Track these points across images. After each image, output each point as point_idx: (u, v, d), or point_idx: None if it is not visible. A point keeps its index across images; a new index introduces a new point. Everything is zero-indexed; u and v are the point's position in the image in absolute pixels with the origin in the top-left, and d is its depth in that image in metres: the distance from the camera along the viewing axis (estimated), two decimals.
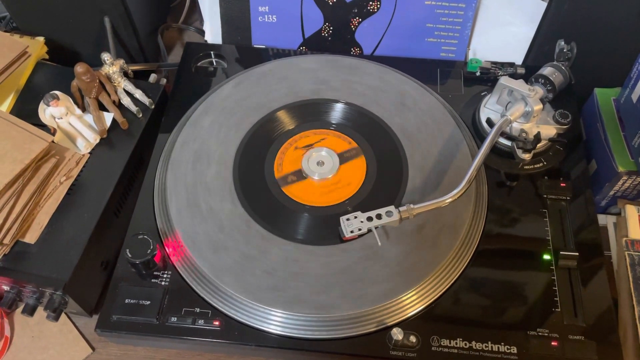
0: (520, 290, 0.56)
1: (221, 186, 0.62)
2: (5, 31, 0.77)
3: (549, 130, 0.64)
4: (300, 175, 0.63)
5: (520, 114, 0.63)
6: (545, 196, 0.62)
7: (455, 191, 0.57)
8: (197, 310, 0.55)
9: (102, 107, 0.67)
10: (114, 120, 0.66)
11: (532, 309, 0.55)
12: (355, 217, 0.57)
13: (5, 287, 0.59)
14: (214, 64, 0.77)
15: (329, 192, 0.62)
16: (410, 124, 0.67)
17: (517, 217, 0.61)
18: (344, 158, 0.64)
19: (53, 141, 0.61)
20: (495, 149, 0.65)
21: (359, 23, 0.77)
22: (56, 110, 0.63)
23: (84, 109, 0.67)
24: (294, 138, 0.66)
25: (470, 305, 0.55)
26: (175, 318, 0.54)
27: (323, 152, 0.64)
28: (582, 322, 0.54)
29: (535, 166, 0.65)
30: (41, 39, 0.74)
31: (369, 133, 0.67)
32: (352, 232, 0.56)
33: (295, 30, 0.78)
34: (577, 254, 0.57)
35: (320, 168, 0.63)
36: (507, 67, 0.72)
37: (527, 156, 0.62)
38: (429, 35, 0.78)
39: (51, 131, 0.64)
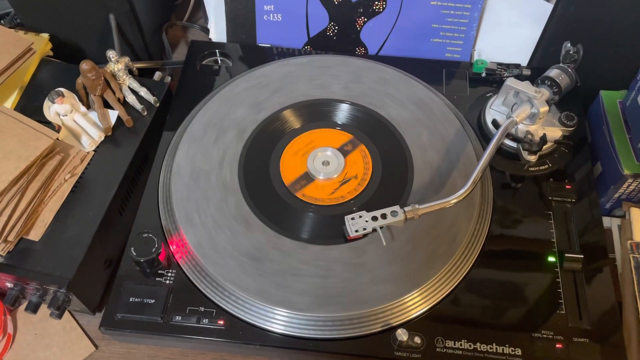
0: (525, 292, 0.56)
1: (226, 185, 0.62)
2: (10, 27, 0.76)
3: (555, 132, 0.64)
4: (307, 177, 0.63)
5: (526, 115, 0.63)
6: (550, 198, 0.62)
7: (460, 192, 0.57)
8: (202, 309, 0.55)
9: (107, 105, 0.67)
10: (118, 118, 0.66)
11: (537, 311, 0.55)
12: (360, 217, 0.57)
13: (9, 284, 0.58)
14: (219, 62, 0.77)
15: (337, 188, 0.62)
16: (416, 124, 0.67)
17: (522, 219, 0.61)
18: (345, 152, 0.64)
19: (58, 138, 0.61)
20: (500, 151, 0.65)
21: (365, 23, 0.77)
22: (61, 108, 0.63)
23: (88, 107, 0.67)
24: (299, 137, 0.66)
25: (475, 306, 0.55)
26: (180, 317, 0.54)
27: (328, 152, 0.64)
28: (587, 324, 0.54)
29: (541, 168, 0.65)
30: (45, 35, 0.74)
31: (375, 133, 0.66)
32: (356, 231, 0.56)
33: (301, 29, 0.78)
34: (582, 256, 0.57)
35: (326, 168, 0.63)
36: (512, 69, 0.72)
37: (532, 158, 0.62)
38: (434, 35, 0.78)
39: (56, 128, 0.64)
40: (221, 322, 0.54)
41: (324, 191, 0.62)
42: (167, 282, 0.56)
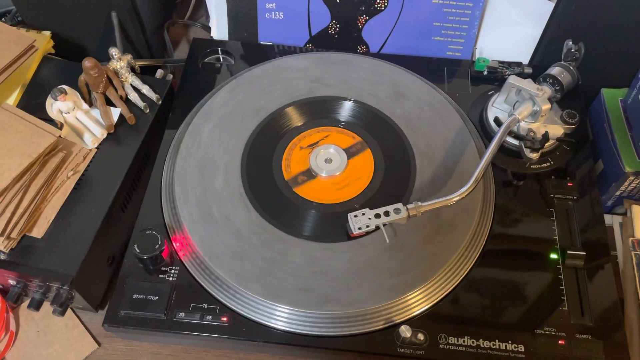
0: (528, 289, 0.56)
1: (229, 182, 0.62)
2: (11, 25, 0.76)
3: (557, 130, 0.64)
4: (309, 174, 0.63)
5: (528, 113, 0.63)
6: (552, 196, 0.62)
7: (462, 189, 0.57)
8: (205, 306, 0.55)
9: (109, 102, 0.67)
10: (121, 116, 0.66)
11: (539, 308, 0.55)
12: (363, 214, 0.57)
13: (12, 282, 0.58)
14: (221, 60, 0.77)
15: (341, 188, 0.62)
16: (418, 122, 0.67)
17: (524, 217, 0.61)
18: (350, 153, 0.64)
19: (60, 136, 0.60)
20: (502, 148, 0.65)
21: (366, 21, 0.77)
22: (64, 105, 0.63)
23: (91, 104, 0.67)
24: (300, 135, 0.66)
25: (478, 303, 0.55)
26: (183, 314, 0.54)
27: (331, 149, 0.64)
28: (589, 321, 0.54)
29: (543, 166, 0.65)
30: (47, 33, 0.74)
31: (377, 131, 0.67)
32: (359, 228, 0.56)
33: (302, 27, 0.78)
34: (584, 253, 0.57)
35: (328, 165, 0.63)
36: (514, 67, 0.73)
37: (534, 155, 0.62)
38: (435, 34, 0.78)
39: (58, 126, 0.64)
40: (224, 319, 0.54)
41: (326, 191, 0.62)
42: (171, 279, 0.56)
